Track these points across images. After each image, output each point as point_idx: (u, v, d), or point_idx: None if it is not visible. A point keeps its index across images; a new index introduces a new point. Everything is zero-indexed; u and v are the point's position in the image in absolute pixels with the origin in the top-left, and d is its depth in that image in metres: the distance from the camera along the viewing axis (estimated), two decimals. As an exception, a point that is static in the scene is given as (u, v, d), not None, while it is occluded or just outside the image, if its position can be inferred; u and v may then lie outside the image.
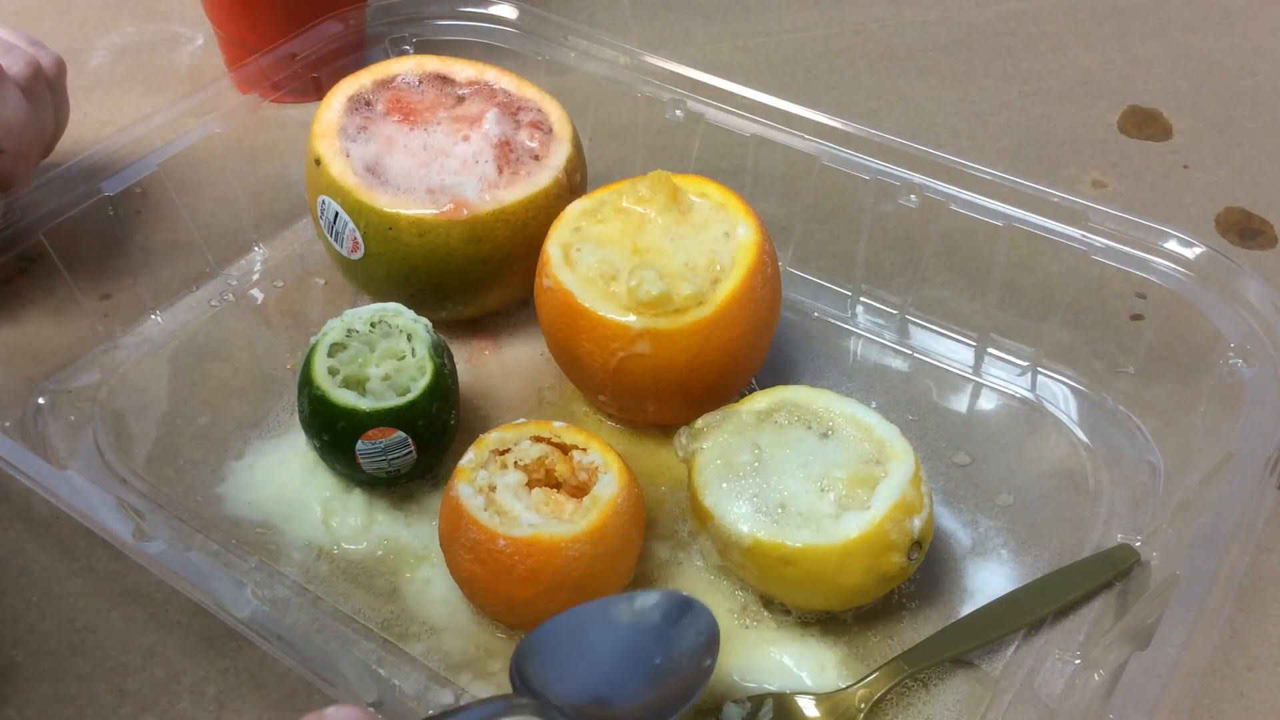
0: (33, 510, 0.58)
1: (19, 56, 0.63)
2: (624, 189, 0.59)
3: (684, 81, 0.69)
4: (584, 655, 0.44)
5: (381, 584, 0.55)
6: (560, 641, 0.44)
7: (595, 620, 0.45)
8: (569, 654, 0.44)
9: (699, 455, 0.53)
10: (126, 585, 0.55)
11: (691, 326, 0.54)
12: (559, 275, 0.57)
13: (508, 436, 0.53)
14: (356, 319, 0.58)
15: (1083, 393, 0.64)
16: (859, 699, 0.49)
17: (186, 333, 0.68)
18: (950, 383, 0.65)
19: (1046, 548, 0.57)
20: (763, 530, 0.50)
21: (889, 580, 0.51)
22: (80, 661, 0.52)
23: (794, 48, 0.93)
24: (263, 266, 0.72)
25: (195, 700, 0.51)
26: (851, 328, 0.69)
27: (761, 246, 0.57)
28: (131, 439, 0.61)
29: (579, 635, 0.44)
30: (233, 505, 0.58)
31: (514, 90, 0.66)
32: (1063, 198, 0.60)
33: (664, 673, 0.44)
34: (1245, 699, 0.51)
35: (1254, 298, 0.56)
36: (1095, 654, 0.50)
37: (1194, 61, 0.91)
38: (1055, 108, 0.86)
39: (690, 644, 0.45)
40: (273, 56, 0.71)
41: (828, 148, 0.65)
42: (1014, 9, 0.97)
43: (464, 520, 0.49)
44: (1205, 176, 0.80)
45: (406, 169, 0.62)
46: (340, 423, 0.54)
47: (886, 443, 0.52)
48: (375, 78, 0.66)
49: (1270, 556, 0.57)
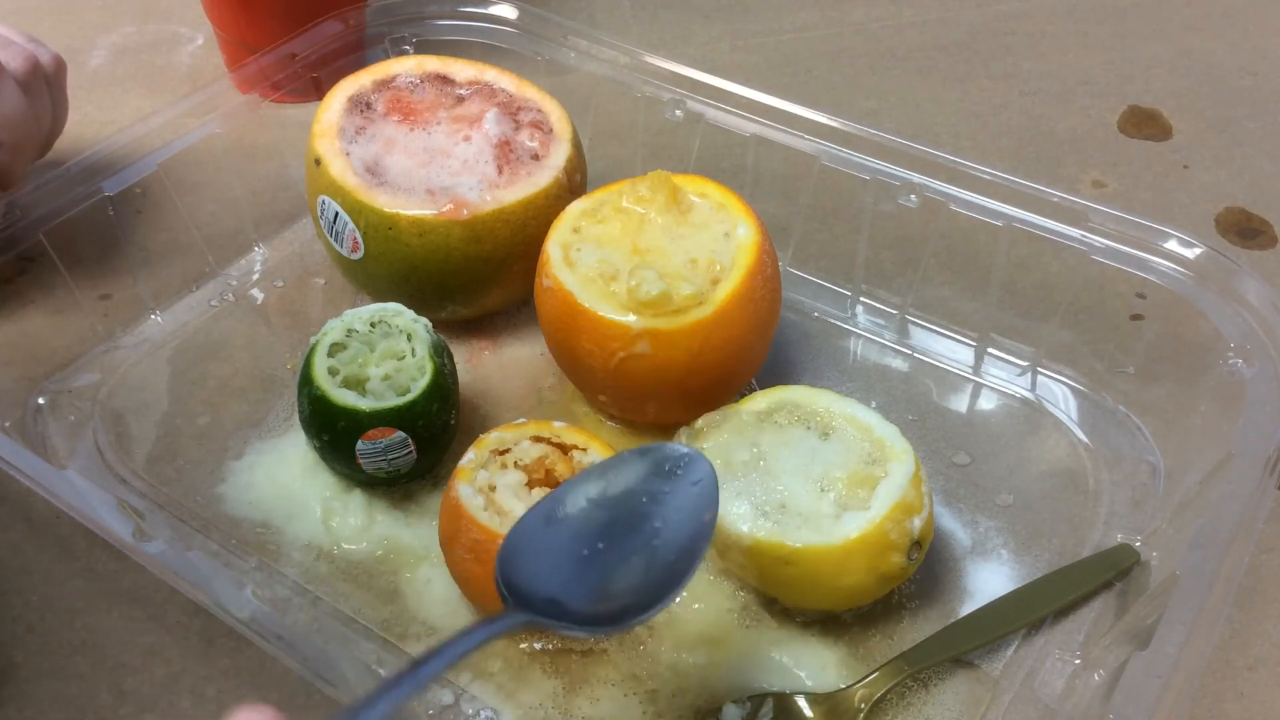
0: (33, 510, 0.58)
1: (17, 52, 0.63)
2: (624, 189, 0.59)
3: (684, 81, 0.69)
4: (570, 542, 0.41)
5: (381, 584, 0.55)
6: (540, 536, 0.40)
7: (578, 500, 0.41)
8: (553, 547, 0.40)
9: (699, 455, 0.53)
10: (126, 585, 0.55)
11: (691, 326, 0.54)
12: (559, 275, 0.57)
13: (508, 436, 0.53)
14: (356, 319, 0.58)
15: (1083, 393, 0.64)
16: (859, 699, 0.49)
17: (186, 333, 0.68)
18: (950, 383, 0.65)
19: (1046, 548, 0.57)
20: (763, 530, 0.50)
21: (889, 580, 0.51)
22: (80, 661, 0.52)
23: (794, 48, 0.93)
24: (263, 266, 0.72)
25: (195, 700, 0.51)
26: (851, 328, 0.69)
27: (761, 246, 0.57)
28: (131, 439, 0.61)
29: (560, 523, 0.41)
30: (233, 505, 0.58)
31: (514, 90, 0.66)
32: (1063, 198, 0.60)
33: (665, 538, 0.41)
34: (1245, 699, 0.51)
35: (1254, 298, 0.56)
36: (1095, 654, 0.50)
37: (1194, 61, 0.91)
38: (1055, 108, 0.86)
39: (688, 498, 0.42)
40: (273, 56, 0.71)
41: (828, 148, 0.65)
42: (1014, 9, 0.97)
43: (464, 520, 0.49)
44: (1205, 176, 0.80)
45: (406, 169, 0.62)
46: (340, 423, 0.54)
47: (886, 443, 0.52)
48: (375, 78, 0.66)
49: (1270, 556, 0.57)
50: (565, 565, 0.40)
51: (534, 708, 0.50)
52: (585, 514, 0.42)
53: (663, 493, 0.42)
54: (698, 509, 0.42)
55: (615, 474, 0.43)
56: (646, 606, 0.40)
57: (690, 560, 0.41)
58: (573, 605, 0.39)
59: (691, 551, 0.41)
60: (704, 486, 0.42)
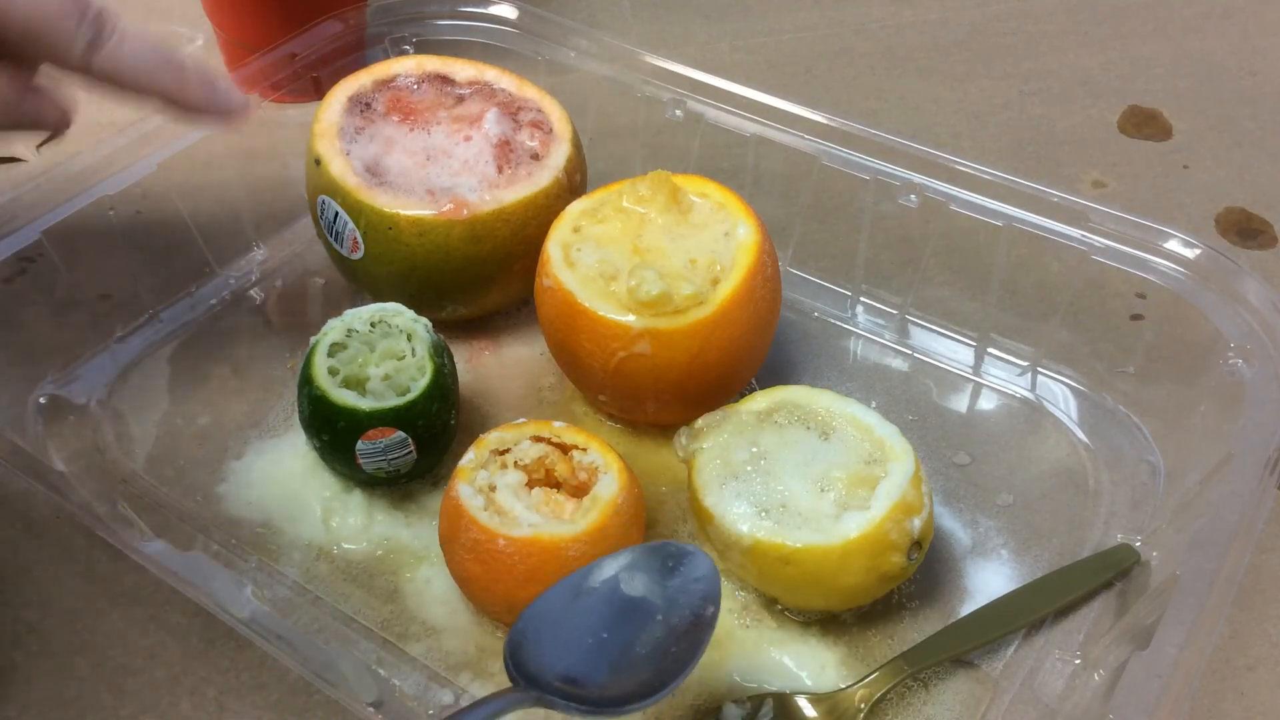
0: (33, 510, 0.58)
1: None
2: (624, 189, 0.59)
3: (684, 81, 0.69)
4: (580, 629, 0.42)
5: (381, 584, 0.55)
6: (552, 621, 0.42)
7: (585, 589, 0.43)
8: (563, 631, 0.42)
9: (699, 455, 0.53)
10: (126, 586, 0.55)
11: (691, 326, 0.54)
12: (559, 275, 0.57)
13: (508, 436, 0.53)
14: (356, 319, 0.58)
15: (1083, 393, 0.64)
16: (859, 699, 0.49)
17: (186, 333, 0.68)
18: (950, 383, 0.65)
19: (1046, 548, 0.57)
20: (763, 530, 0.50)
21: (889, 580, 0.51)
22: (80, 661, 0.52)
23: (794, 48, 0.93)
24: (263, 266, 0.72)
25: (196, 701, 0.51)
26: (851, 328, 0.69)
27: (761, 246, 0.57)
28: (131, 439, 0.61)
29: (571, 609, 0.43)
30: (233, 505, 0.58)
31: (514, 90, 0.66)
32: (1063, 198, 0.60)
33: (668, 628, 0.43)
34: (1245, 699, 0.51)
35: (1254, 298, 0.56)
36: (1095, 654, 0.50)
37: (1194, 61, 0.91)
38: (1055, 108, 0.86)
39: (691, 593, 0.43)
40: (273, 56, 0.71)
41: (828, 148, 0.65)
42: (1014, 9, 0.97)
43: (464, 520, 0.49)
44: (1205, 176, 0.80)
45: (406, 169, 0.62)
46: (340, 423, 0.54)
47: (886, 443, 0.52)
48: (375, 78, 0.66)
49: (1270, 556, 0.57)
50: (572, 651, 0.42)
51: (531, 711, 0.50)
52: (593, 605, 0.43)
53: (667, 586, 0.44)
54: (701, 604, 0.43)
55: (624, 569, 0.44)
56: (651, 692, 0.41)
57: (694, 650, 0.42)
58: (578, 687, 0.41)
59: (695, 641, 0.42)
60: (706, 584, 0.44)
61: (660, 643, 0.42)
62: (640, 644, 0.42)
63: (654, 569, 0.44)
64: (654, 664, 0.42)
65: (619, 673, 0.42)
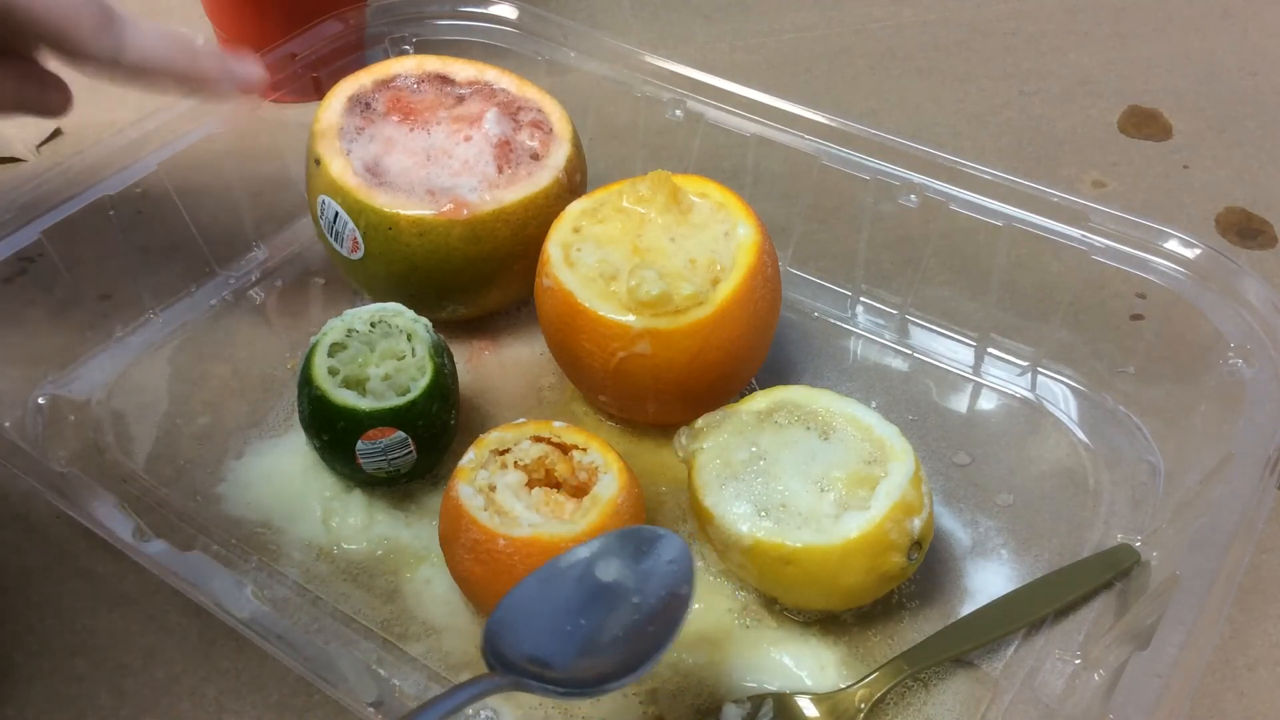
0: (33, 510, 0.58)
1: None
2: (624, 189, 0.59)
3: (684, 81, 0.69)
4: (554, 613, 0.43)
5: (381, 584, 0.55)
6: (527, 607, 0.43)
7: (559, 575, 0.44)
8: (538, 617, 0.43)
9: (699, 455, 0.53)
10: (126, 586, 0.55)
11: (691, 326, 0.54)
12: (559, 275, 0.57)
13: (508, 436, 0.53)
14: (356, 319, 0.58)
15: (1083, 393, 0.64)
16: (859, 699, 0.49)
17: (186, 333, 0.68)
18: (950, 383, 0.65)
19: (1046, 548, 0.57)
20: (763, 530, 0.50)
21: (889, 580, 0.51)
22: (80, 662, 0.52)
23: (794, 48, 0.93)
24: (263, 266, 0.72)
25: (195, 701, 0.51)
26: (851, 328, 0.69)
27: (761, 246, 0.57)
28: (131, 439, 0.61)
29: (546, 595, 0.44)
30: (233, 505, 0.58)
31: (514, 90, 0.66)
32: (1063, 198, 0.60)
33: (643, 609, 0.43)
34: (1245, 699, 0.51)
35: (1254, 298, 0.56)
36: (1095, 654, 0.50)
37: (1194, 61, 0.91)
38: (1055, 108, 0.86)
39: (664, 574, 0.44)
40: (273, 56, 0.71)
41: (828, 148, 0.65)
42: (1014, 9, 0.97)
43: (464, 520, 0.49)
44: (1205, 176, 0.80)
45: (406, 169, 0.62)
46: (340, 423, 0.54)
47: (886, 443, 0.52)
48: (375, 78, 0.66)
49: (1270, 556, 0.57)
50: (547, 635, 0.43)
51: (534, 708, 0.50)
52: (567, 589, 0.44)
53: (639, 569, 0.45)
54: (675, 584, 0.44)
55: (597, 554, 0.45)
56: (627, 671, 0.42)
57: (670, 628, 0.43)
58: (553, 669, 0.41)
59: (671, 620, 0.43)
60: (679, 565, 0.45)
61: (636, 624, 0.43)
62: (615, 625, 0.43)
63: (627, 553, 0.45)
64: (630, 644, 0.42)
65: (595, 654, 0.42)
